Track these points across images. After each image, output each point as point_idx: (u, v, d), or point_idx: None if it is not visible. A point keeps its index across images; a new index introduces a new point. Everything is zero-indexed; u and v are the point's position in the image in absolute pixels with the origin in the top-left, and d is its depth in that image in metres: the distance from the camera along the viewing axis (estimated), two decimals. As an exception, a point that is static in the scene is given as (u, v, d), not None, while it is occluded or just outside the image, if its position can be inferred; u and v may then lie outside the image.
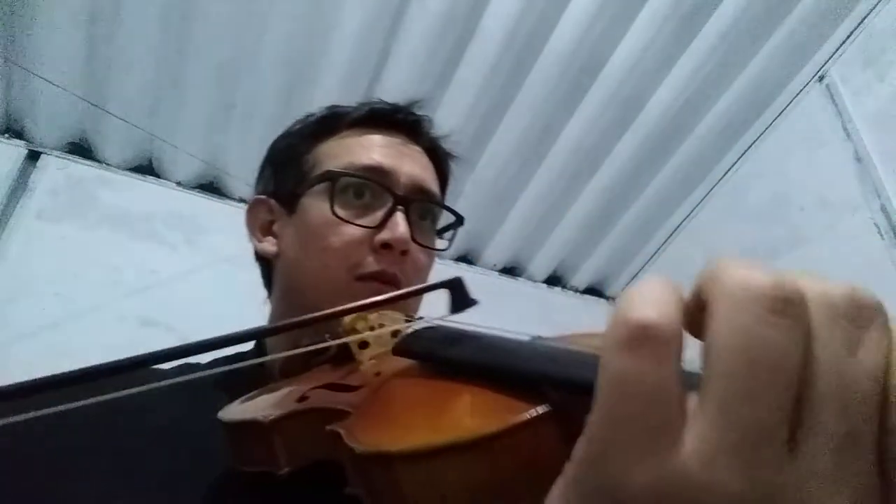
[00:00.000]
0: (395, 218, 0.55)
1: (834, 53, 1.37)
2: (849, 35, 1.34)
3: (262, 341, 0.58)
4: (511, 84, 1.41)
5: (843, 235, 1.25)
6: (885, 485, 0.17)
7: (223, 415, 0.40)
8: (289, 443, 0.35)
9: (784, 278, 0.17)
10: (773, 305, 0.16)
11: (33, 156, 1.41)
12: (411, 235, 0.55)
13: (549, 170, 1.59)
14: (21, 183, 1.37)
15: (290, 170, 0.61)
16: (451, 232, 0.65)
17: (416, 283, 0.58)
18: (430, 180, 0.61)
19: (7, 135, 1.41)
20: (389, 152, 0.59)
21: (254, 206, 0.63)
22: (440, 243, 0.63)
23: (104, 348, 1.16)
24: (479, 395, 0.27)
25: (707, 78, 1.42)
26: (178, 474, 0.42)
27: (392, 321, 0.44)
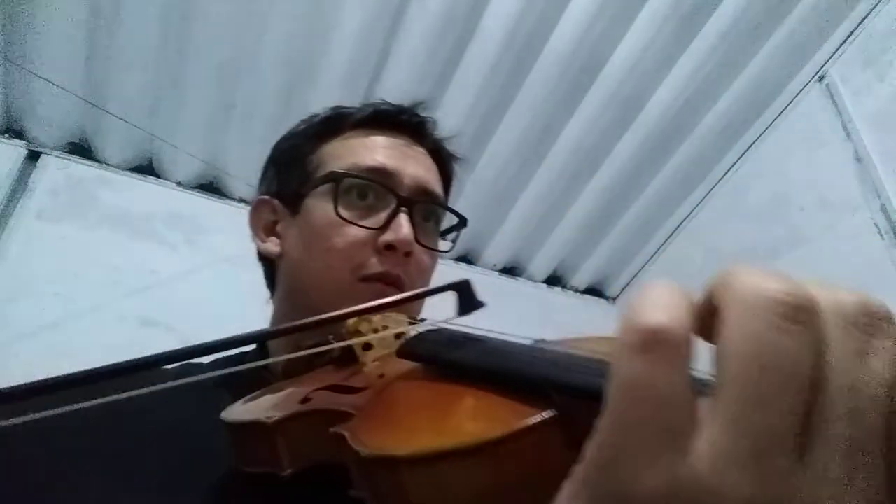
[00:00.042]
0: (399, 219, 0.55)
1: (834, 53, 1.37)
2: (849, 35, 1.34)
3: (264, 342, 0.58)
4: (511, 84, 1.41)
5: (843, 235, 1.24)
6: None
7: (226, 415, 0.40)
8: (292, 444, 0.35)
9: (796, 286, 0.17)
10: (785, 312, 0.17)
11: (33, 156, 1.41)
12: (415, 237, 0.55)
13: (549, 170, 1.59)
14: (21, 183, 1.37)
15: (294, 170, 0.61)
16: (455, 233, 0.65)
17: (420, 284, 0.58)
18: (434, 182, 0.62)
19: (7, 135, 1.41)
20: (393, 153, 0.59)
21: (257, 207, 0.63)
22: (443, 245, 0.63)
23: (104, 348, 1.16)
24: (484, 399, 0.27)
25: (707, 78, 1.42)
26: (180, 475, 0.42)
27: (396, 323, 0.44)
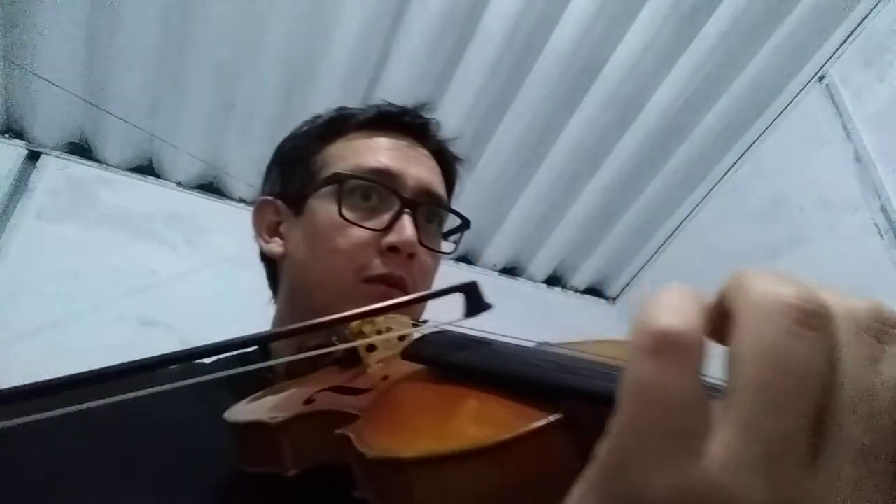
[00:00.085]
0: (403, 221, 0.55)
1: (834, 53, 1.37)
2: (849, 35, 1.34)
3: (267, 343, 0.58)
4: (511, 84, 1.41)
5: (843, 235, 1.24)
6: None
7: (229, 415, 0.40)
8: (296, 445, 0.35)
9: (810, 291, 0.17)
10: (799, 318, 0.17)
11: (33, 156, 1.41)
12: (418, 238, 0.55)
13: (549, 170, 1.59)
14: (21, 183, 1.37)
15: (298, 171, 0.61)
16: (458, 235, 0.65)
17: (423, 286, 0.58)
18: (437, 183, 0.62)
19: (7, 135, 1.41)
20: (397, 155, 0.59)
21: (260, 207, 0.63)
22: (446, 246, 0.63)
23: (104, 348, 1.16)
24: (489, 402, 0.27)
25: (707, 78, 1.42)
26: (182, 475, 0.42)
27: (400, 325, 0.44)
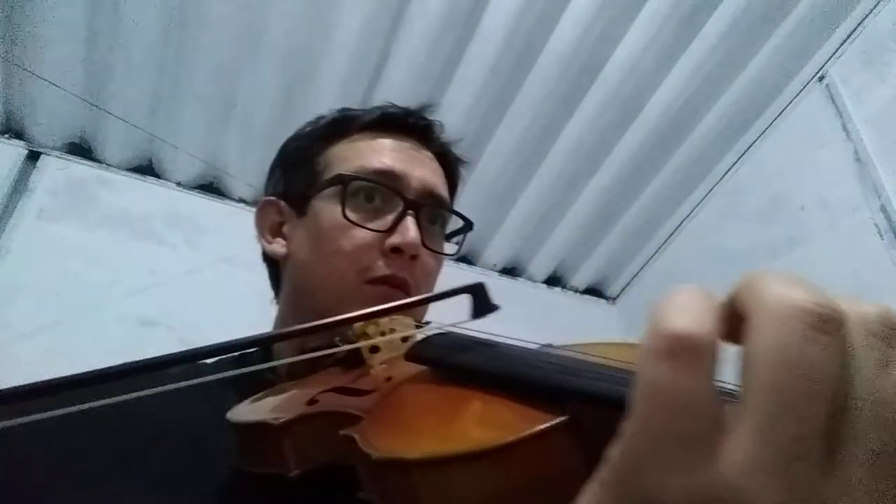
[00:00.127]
0: (406, 222, 0.55)
1: (834, 53, 1.37)
2: (849, 35, 1.34)
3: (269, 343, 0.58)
4: (511, 84, 1.41)
5: (843, 235, 1.24)
6: None
7: (232, 416, 0.40)
8: (299, 446, 0.35)
9: (823, 295, 0.17)
10: (814, 322, 0.17)
11: (33, 156, 1.41)
12: (421, 240, 0.55)
13: (549, 170, 1.59)
14: (21, 183, 1.37)
15: (301, 172, 0.61)
16: (460, 236, 0.65)
17: (425, 287, 0.58)
18: (440, 185, 0.62)
19: (7, 135, 1.41)
20: (400, 157, 0.59)
21: (263, 208, 0.63)
22: (449, 248, 0.64)
23: (104, 348, 1.16)
24: (494, 404, 0.27)
25: (707, 78, 1.42)
26: (184, 475, 0.42)
27: (403, 326, 0.44)
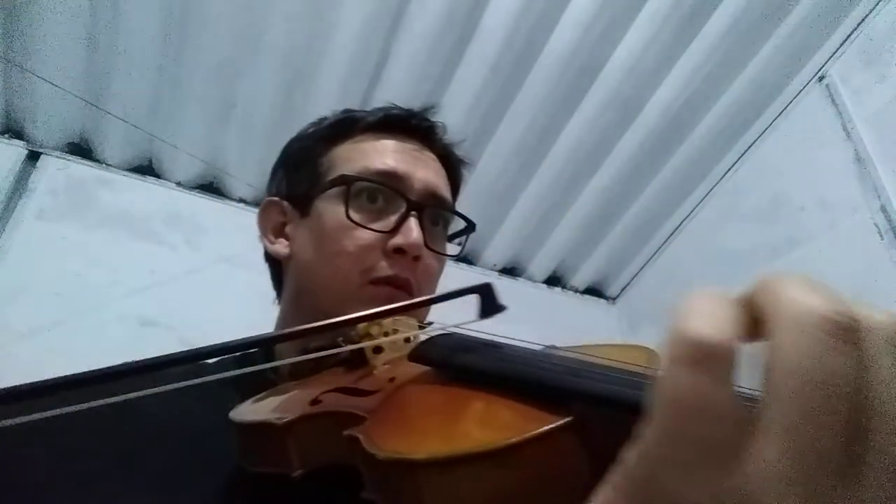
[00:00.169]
0: (409, 223, 0.55)
1: (834, 53, 1.37)
2: (849, 35, 1.34)
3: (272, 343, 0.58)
4: (511, 84, 1.41)
5: (843, 235, 1.24)
6: None
7: (234, 415, 0.40)
8: (302, 445, 0.35)
9: (843, 303, 0.17)
10: (835, 331, 0.17)
11: (33, 156, 1.41)
12: (424, 241, 0.55)
13: (549, 170, 1.59)
14: (21, 183, 1.37)
15: (304, 172, 0.62)
16: (462, 237, 0.66)
17: (428, 288, 0.58)
18: (443, 186, 0.62)
19: (7, 135, 1.41)
20: (404, 158, 0.59)
21: (266, 208, 0.64)
22: (451, 249, 0.64)
23: (104, 348, 1.16)
24: (498, 405, 0.27)
25: (707, 78, 1.42)
26: (186, 474, 0.42)
27: (406, 327, 0.44)
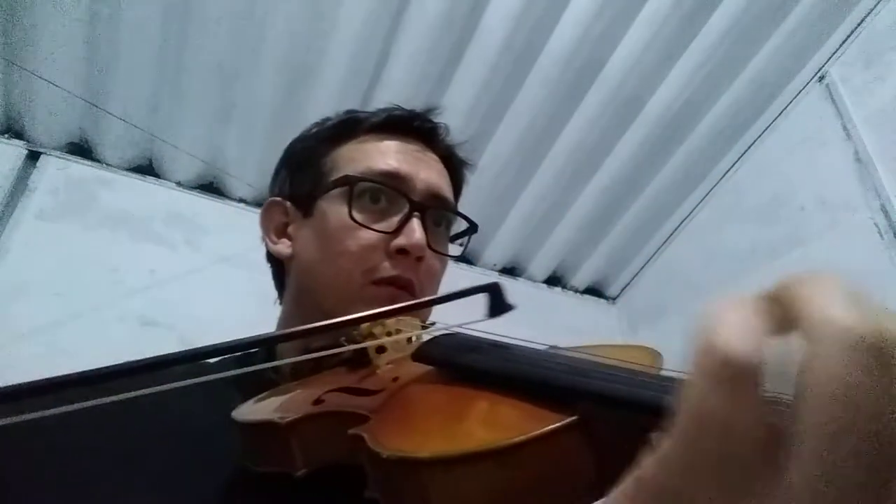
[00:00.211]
0: (412, 224, 0.55)
1: (834, 53, 1.37)
2: (849, 35, 1.34)
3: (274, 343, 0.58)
4: (511, 84, 1.41)
5: (843, 235, 1.24)
6: None
7: (237, 415, 0.40)
8: (306, 445, 0.35)
9: (879, 322, 0.16)
10: (878, 355, 0.16)
11: (33, 156, 1.41)
12: (426, 241, 0.56)
13: (549, 170, 1.59)
14: (21, 183, 1.37)
15: (307, 173, 0.62)
16: (465, 238, 0.66)
17: (430, 288, 0.58)
18: (446, 187, 0.62)
19: (7, 135, 1.41)
20: (406, 158, 0.60)
21: (268, 208, 0.64)
22: (453, 249, 0.64)
23: (104, 348, 1.16)
24: (503, 404, 0.27)
25: (707, 78, 1.42)
26: (189, 473, 0.42)
27: (409, 327, 0.44)
